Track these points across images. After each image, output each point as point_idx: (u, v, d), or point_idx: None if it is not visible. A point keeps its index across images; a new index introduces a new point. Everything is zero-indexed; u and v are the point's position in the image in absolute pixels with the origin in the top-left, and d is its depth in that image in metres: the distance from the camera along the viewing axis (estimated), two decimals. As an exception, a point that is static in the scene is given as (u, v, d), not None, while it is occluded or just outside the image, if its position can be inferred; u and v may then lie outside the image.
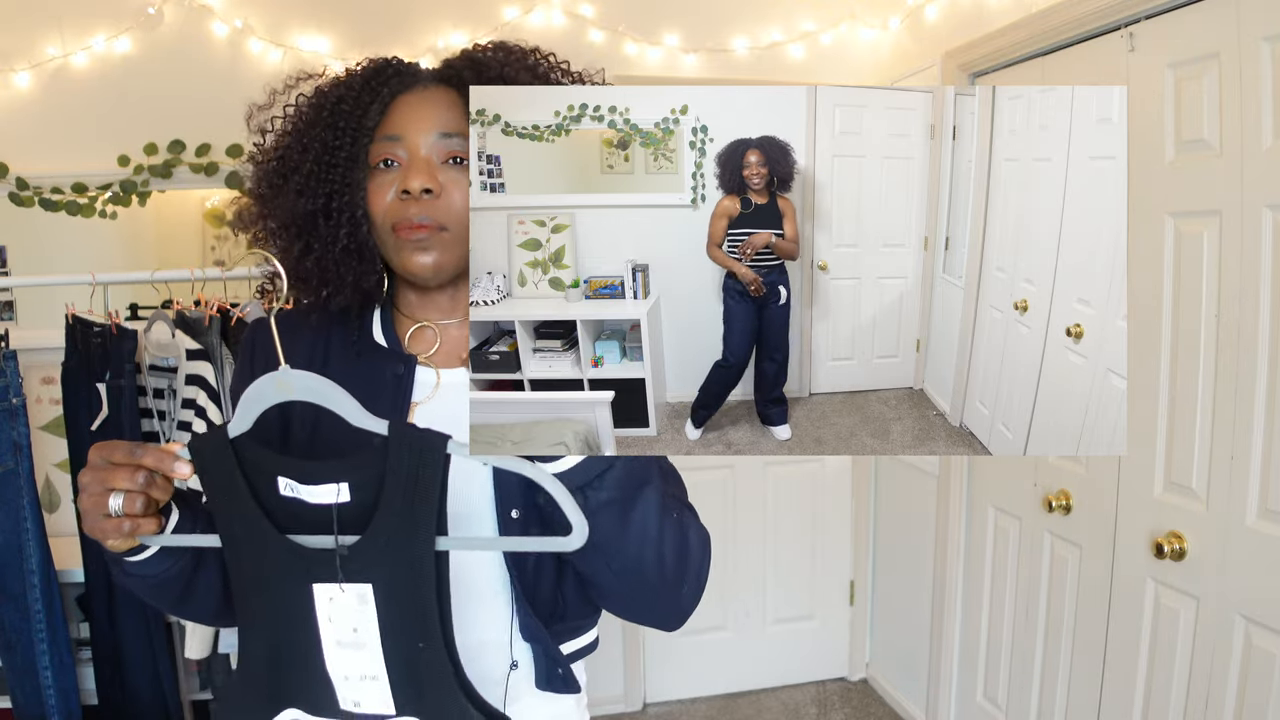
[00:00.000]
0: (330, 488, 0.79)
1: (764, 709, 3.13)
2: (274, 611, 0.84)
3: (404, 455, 0.77)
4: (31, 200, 2.70)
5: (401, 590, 0.80)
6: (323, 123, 0.94)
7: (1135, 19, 1.92)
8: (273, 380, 0.80)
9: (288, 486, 0.79)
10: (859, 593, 3.25)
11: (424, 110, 0.94)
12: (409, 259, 0.93)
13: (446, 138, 0.93)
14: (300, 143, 0.95)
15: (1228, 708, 1.77)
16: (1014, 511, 2.42)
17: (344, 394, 0.79)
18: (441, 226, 0.92)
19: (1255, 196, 1.68)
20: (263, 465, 0.80)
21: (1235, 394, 1.73)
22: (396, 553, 0.79)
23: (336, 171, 0.94)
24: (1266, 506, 1.69)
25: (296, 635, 0.83)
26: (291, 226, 0.96)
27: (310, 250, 0.96)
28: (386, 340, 1.01)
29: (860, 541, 3.21)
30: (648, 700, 3.16)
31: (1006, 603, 2.48)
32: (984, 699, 2.62)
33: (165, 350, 2.27)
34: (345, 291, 0.97)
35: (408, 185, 0.91)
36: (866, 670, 3.29)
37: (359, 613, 0.80)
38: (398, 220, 0.92)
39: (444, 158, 0.93)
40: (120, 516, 0.79)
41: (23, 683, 2.37)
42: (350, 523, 0.79)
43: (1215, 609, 1.79)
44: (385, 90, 0.95)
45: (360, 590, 0.80)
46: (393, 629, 0.81)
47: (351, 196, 0.94)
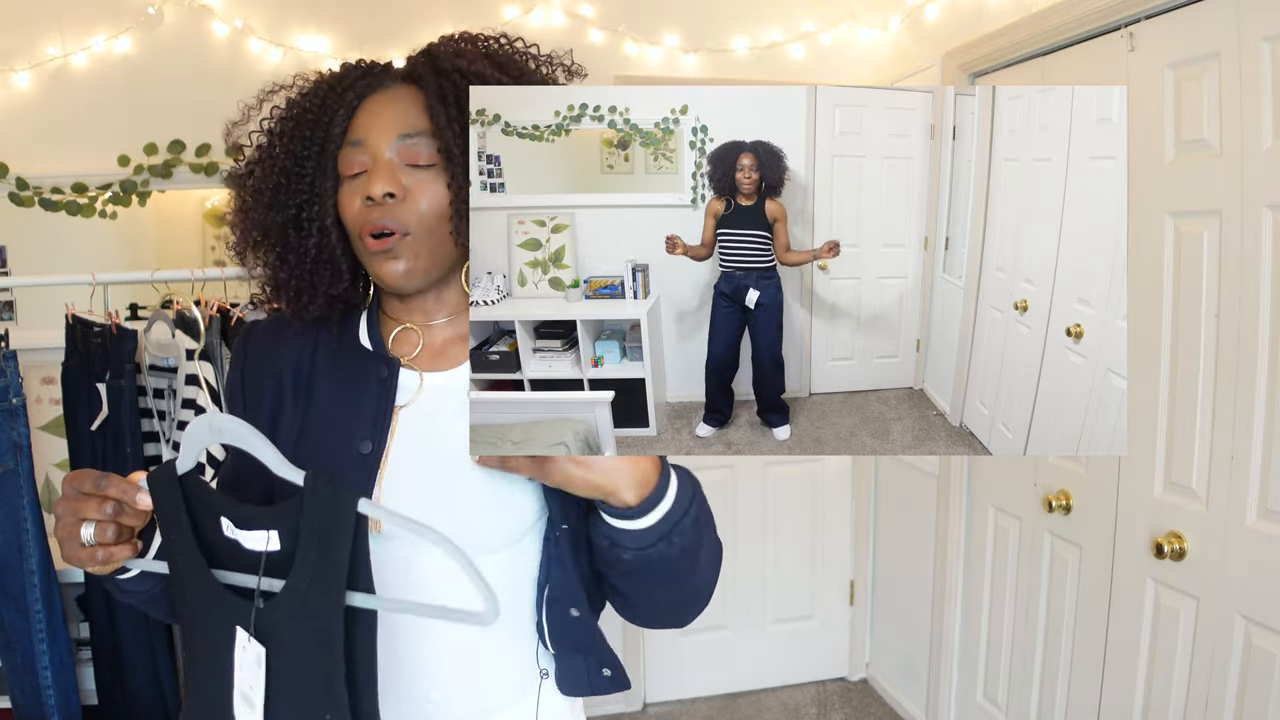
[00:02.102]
0: (261, 534, 0.78)
1: (764, 709, 3.13)
2: (204, 648, 0.84)
3: (316, 509, 0.76)
4: (31, 200, 2.70)
5: (308, 653, 0.78)
6: (289, 134, 0.94)
7: (1135, 19, 1.92)
8: (205, 422, 0.80)
9: (228, 527, 0.80)
10: (859, 593, 3.25)
11: (385, 111, 0.93)
12: (379, 268, 0.93)
13: (407, 139, 0.91)
14: (270, 155, 0.95)
15: (1228, 708, 1.77)
16: (1014, 511, 2.42)
17: (265, 442, 0.78)
18: (405, 231, 0.91)
19: (1255, 196, 1.68)
20: (207, 503, 0.81)
21: (1235, 394, 1.73)
22: (304, 611, 0.77)
23: (304, 182, 0.94)
24: (1266, 506, 1.69)
25: (221, 676, 0.82)
26: (266, 240, 0.96)
27: (285, 261, 0.96)
28: (371, 343, 1.00)
29: (860, 541, 3.21)
30: (648, 700, 3.16)
31: (1006, 603, 2.48)
32: (984, 699, 2.62)
33: (165, 350, 2.27)
34: (319, 301, 0.97)
35: (370, 191, 0.90)
36: (866, 670, 3.28)
37: (254, 673, 0.79)
38: (362, 226, 0.92)
39: (408, 160, 0.92)
40: (93, 546, 0.80)
41: (23, 683, 2.37)
42: (282, 573, 0.78)
43: (1215, 609, 1.79)
44: (350, 94, 0.94)
45: (258, 651, 0.78)
46: (295, 695, 0.79)
47: (321, 206, 0.94)
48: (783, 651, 3.24)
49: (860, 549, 3.22)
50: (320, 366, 0.98)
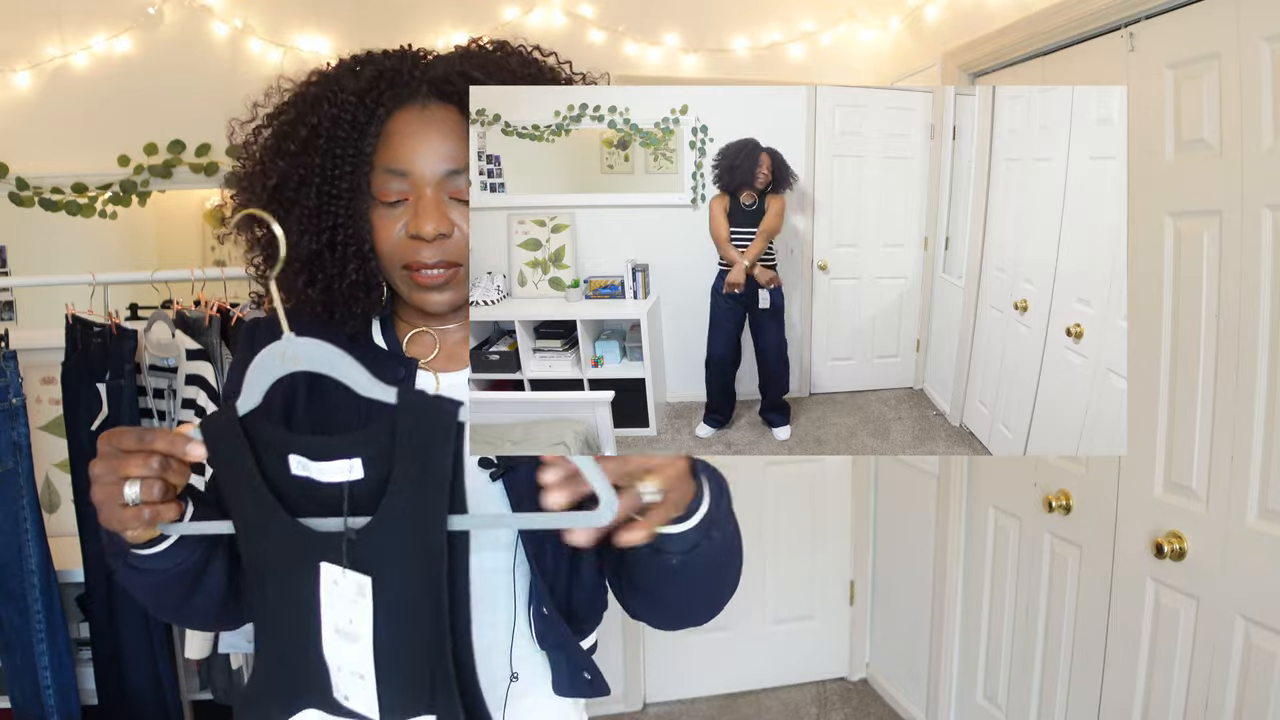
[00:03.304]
0: (343, 464, 0.74)
1: (764, 709, 3.13)
2: (282, 595, 0.80)
3: (413, 426, 0.72)
4: (31, 200, 2.70)
5: (408, 578, 0.75)
6: (319, 150, 0.90)
7: (1135, 19, 1.92)
8: (278, 351, 0.74)
9: (299, 464, 0.75)
10: (859, 593, 3.25)
11: (428, 140, 0.89)
12: (424, 299, 0.92)
13: (454, 175, 0.89)
14: (297, 174, 0.91)
15: (1228, 708, 1.77)
16: (1014, 511, 2.42)
17: (352, 361, 0.73)
18: (456, 264, 0.91)
19: (1255, 196, 1.68)
20: (273, 443, 0.76)
21: (1235, 394, 1.73)
22: (404, 536, 0.73)
23: (339, 204, 0.91)
24: (1266, 506, 1.68)
25: (304, 620, 0.79)
26: (295, 262, 0.93)
27: (314, 282, 0.93)
28: (387, 343, 1.00)
29: (860, 541, 3.21)
30: (648, 700, 3.16)
31: (1006, 603, 2.48)
32: (984, 699, 2.62)
33: (165, 350, 2.27)
34: (355, 319, 0.96)
35: (421, 231, 0.88)
36: (866, 670, 3.28)
37: (355, 604, 0.76)
38: (411, 262, 0.90)
39: (452, 194, 0.90)
40: (139, 505, 0.76)
41: (22, 683, 2.37)
42: (365, 503, 0.74)
43: (1215, 609, 1.79)
44: (381, 109, 0.91)
45: (359, 581, 0.75)
46: (395, 624, 0.76)
47: (357, 230, 0.91)
48: (783, 651, 3.24)
49: (860, 549, 3.22)
50: None
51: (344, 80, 0.92)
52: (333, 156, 0.90)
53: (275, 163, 0.93)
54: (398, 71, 0.92)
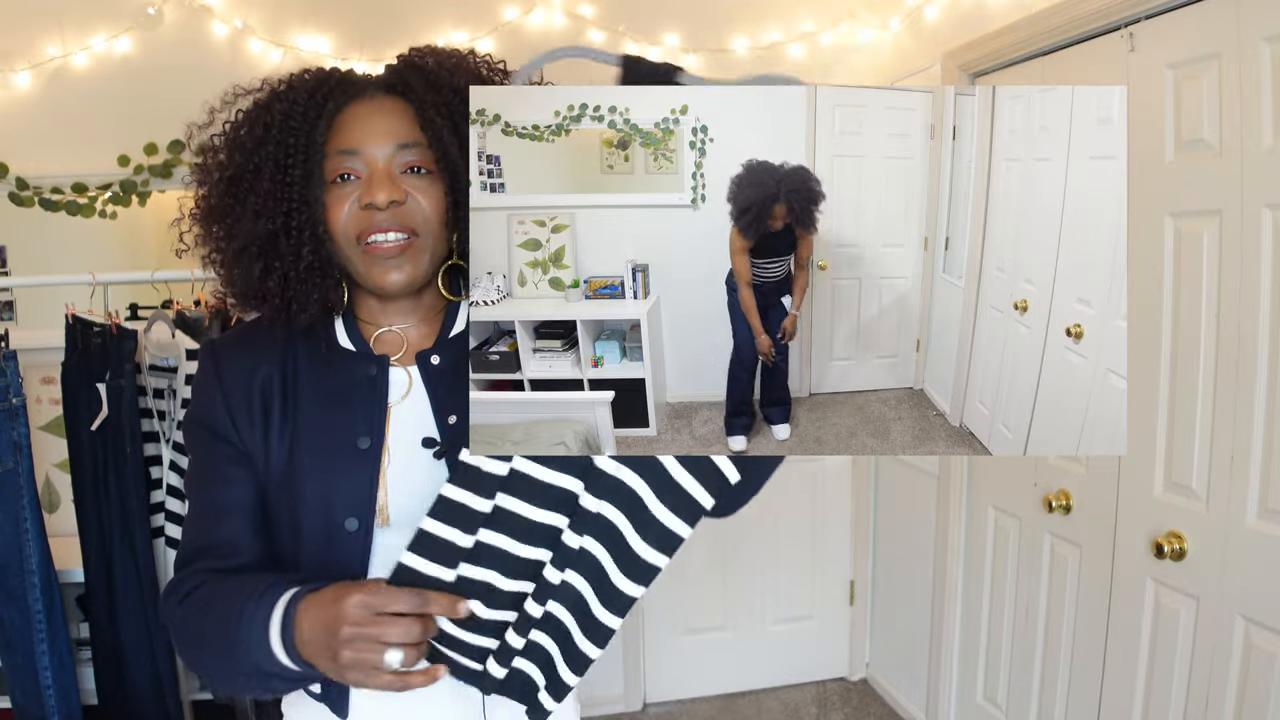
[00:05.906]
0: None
1: (764, 709, 3.13)
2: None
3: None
4: (31, 200, 2.70)
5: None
6: (272, 140, 0.94)
7: (1135, 19, 1.92)
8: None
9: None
10: (859, 593, 3.25)
11: (377, 122, 0.93)
12: (380, 276, 0.94)
13: (405, 148, 0.93)
14: (252, 163, 0.94)
15: (1228, 708, 1.77)
16: (1014, 511, 2.42)
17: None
18: (413, 232, 0.92)
19: (1255, 196, 1.68)
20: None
21: (1235, 394, 1.73)
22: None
23: (293, 189, 0.93)
24: (1266, 506, 1.68)
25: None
26: (251, 247, 0.95)
27: (271, 270, 0.95)
28: (354, 345, 1.01)
29: (860, 541, 3.21)
30: (648, 700, 3.16)
31: (1006, 603, 2.48)
32: (984, 699, 2.62)
33: (165, 350, 2.27)
34: (310, 307, 0.97)
35: (372, 199, 0.91)
36: (866, 670, 3.28)
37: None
38: (363, 230, 0.92)
39: (403, 168, 0.93)
40: (398, 672, 0.76)
41: (23, 683, 2.37)
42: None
43: (1215, 609, 1.79)
44: (330, 104, 0.94)
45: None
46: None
47: (310, 213, 0.94)
48: (783, 651, 3.24)
49: (860, 549, 3.22)
50: (303, 372, 0.98)
51: (294, 83, 0.97)
52: (285, 146, 0.93)
53: (232, 156, 0.96)
54: (345, 79, 0.97)
